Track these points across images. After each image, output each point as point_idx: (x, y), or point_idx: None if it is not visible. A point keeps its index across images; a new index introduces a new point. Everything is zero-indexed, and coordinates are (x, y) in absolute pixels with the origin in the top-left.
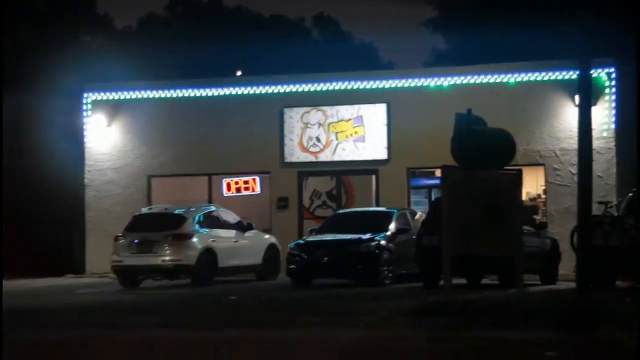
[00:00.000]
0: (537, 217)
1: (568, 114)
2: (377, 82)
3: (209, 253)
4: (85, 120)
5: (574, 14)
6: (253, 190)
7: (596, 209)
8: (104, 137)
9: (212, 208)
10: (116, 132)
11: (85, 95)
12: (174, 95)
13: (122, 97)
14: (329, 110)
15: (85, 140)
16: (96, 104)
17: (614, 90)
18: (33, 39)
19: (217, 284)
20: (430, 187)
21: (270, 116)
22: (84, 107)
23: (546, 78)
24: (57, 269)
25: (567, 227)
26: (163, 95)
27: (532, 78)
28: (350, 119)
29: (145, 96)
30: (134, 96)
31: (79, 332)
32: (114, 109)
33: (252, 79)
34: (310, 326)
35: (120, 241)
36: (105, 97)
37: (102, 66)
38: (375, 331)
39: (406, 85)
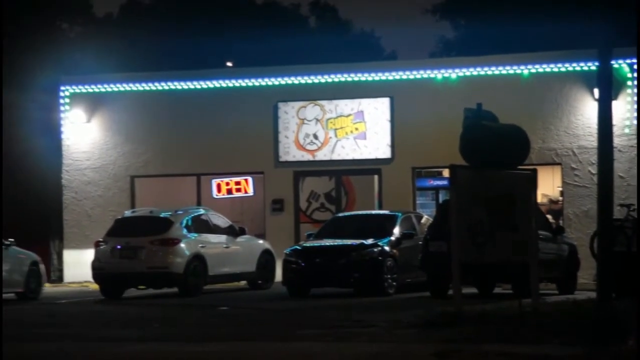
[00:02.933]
0: (553, 222)
1: (587, 109)
2: (380, 74)
3: (197, 260)
4: (62, 115)
5: None
6: (245, 192)
7: (618, 212)
8: (83, 133)
9: (201, 211)
10: (96, 128)
11: (62, 88)
12: (159, 88)
13: (103, 90)
14: (327, 104)
15: (63, 137)
16: (74, 97)
17: (636, 82)
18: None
19: (207, 293)
20: (437, 189)
21: (263, 111)
22: (61, 101)
23: (563, 69)
24: None
25: (587, 232)
26: (147, 89)
27: (548, 69)
28: (350, 115)
29: (128, 89)
30: (115, 89)
31: (56, 345)
32: (94, 103)
33: (244, 71)
34: (307, 340)
35: (102, 247)
36: (84, 90)
37: (80, 57)
38: (379, 345)
39: (411, 77)
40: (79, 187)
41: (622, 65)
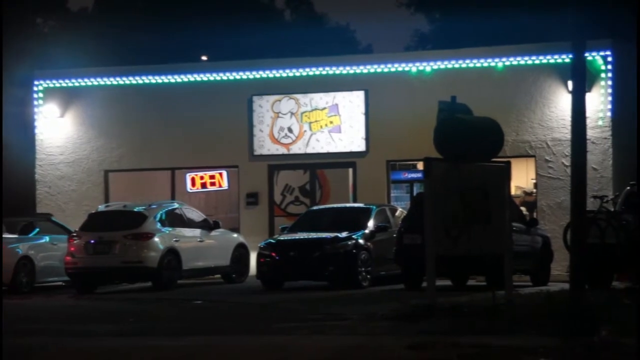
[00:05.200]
0: (526, 214)
1: (561, 101)
2: (354, 67)
3: (172, 254)
4: (36, 110)
5: None
6: (220, 186)
7: (591, 204)
8: (57, 128)
9: (175, 205)
10: (70, 122)
11: (36, 82)
12: (133, 82)
13: (77, 84)
14: (302, 98)
15: (37, 131)
16: (48, 92)
17: (610, 75)
18: None
19: (181, 287)
20: (411, 181)
21: (238, 105)
22: (35, 95)
23: (537, 62)
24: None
25: (560, 224)
26: (121, 83)
27: (522, 62)
28: (325, 108)
29: (102, 84)
30: (89, 84)
31: (33, 340)
32: (68, 97)
33: (218, 65)
34: (282, 333)
35: (75, 241)
36: (58, 85)
37: (54, 51)
38: (354, 338)
39: (386, 70)
40: (52, 182)
41: (596, 58)
